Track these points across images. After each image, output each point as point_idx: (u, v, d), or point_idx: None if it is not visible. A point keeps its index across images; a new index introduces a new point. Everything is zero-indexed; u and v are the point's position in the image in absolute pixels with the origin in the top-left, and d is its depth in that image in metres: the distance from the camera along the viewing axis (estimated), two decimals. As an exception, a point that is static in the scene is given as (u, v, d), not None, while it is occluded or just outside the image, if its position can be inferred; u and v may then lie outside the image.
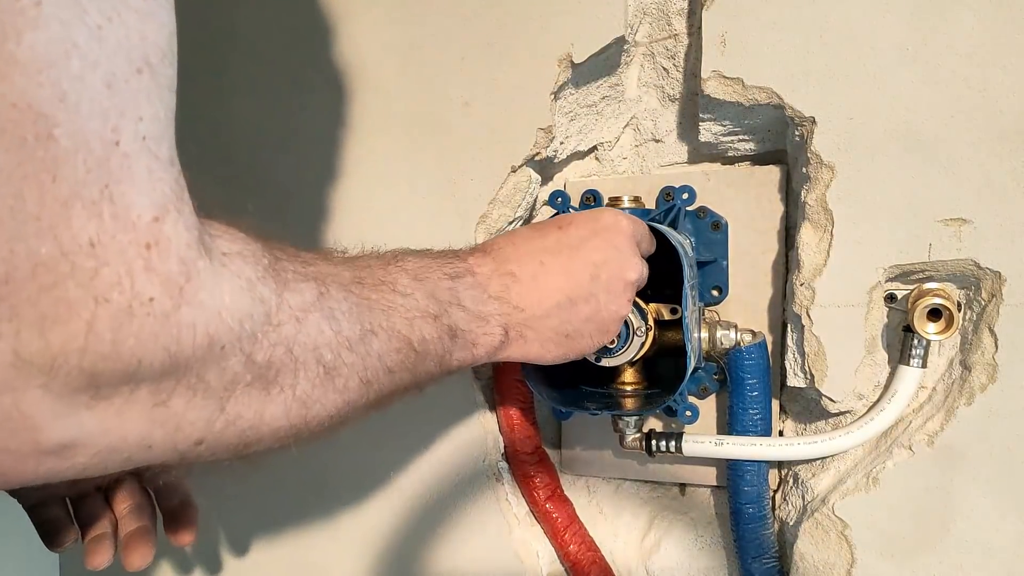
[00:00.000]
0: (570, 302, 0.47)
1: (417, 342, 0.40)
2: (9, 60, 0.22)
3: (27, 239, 0.23)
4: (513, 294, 0.46)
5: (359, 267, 0.39)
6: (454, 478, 0.71)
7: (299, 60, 0.72)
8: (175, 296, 0.26)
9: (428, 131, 0.68)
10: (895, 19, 0.54)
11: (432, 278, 0.42)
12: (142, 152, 0.25)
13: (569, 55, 0.62)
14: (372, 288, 0.38)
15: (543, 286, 0.47)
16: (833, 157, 0.56)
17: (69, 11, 0.23)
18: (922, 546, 0.57)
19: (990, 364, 0.54)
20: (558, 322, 0.47)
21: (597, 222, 0.49)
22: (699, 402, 0.65)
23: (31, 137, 0.23)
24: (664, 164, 0.69)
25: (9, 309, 0.23)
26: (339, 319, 0.35)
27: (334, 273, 0.36)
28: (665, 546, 0.70)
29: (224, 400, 0.30)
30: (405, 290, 0.40)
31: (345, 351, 0.35)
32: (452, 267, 0.44)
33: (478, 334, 0.44)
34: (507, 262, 0.47)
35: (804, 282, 0.57)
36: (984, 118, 0.52)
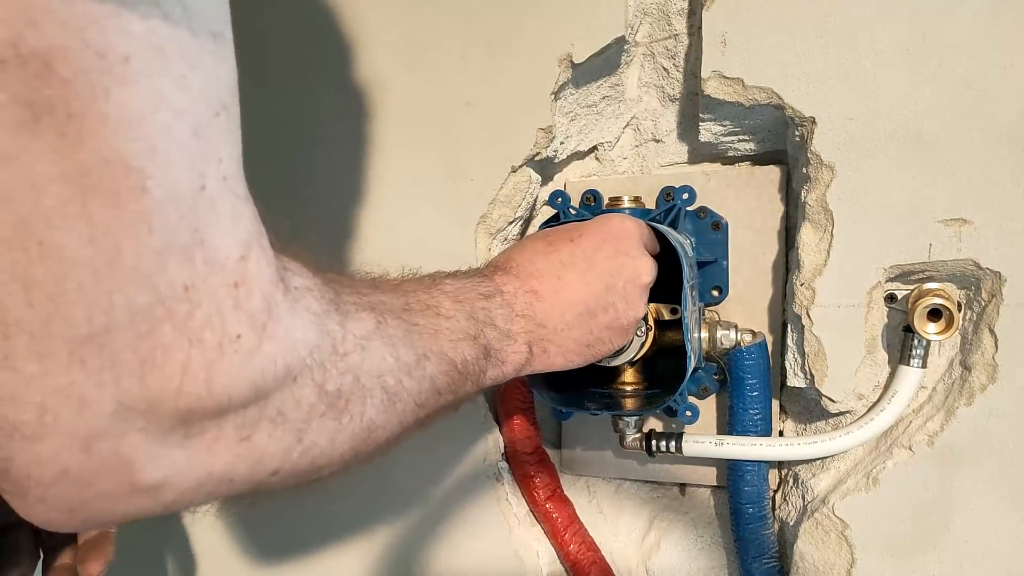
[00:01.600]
0: (590, 313, 0.48)
1: (460, 363, 0.41)
2: (100, 118, 0.22)
3: (125, 289, 0.23)
4: (537, 311, 0.47)
5: (405, 293, 0.40)
6: (454, 478, 0.71)
7: (299, 61, 0.72)
8: (259, 332, 0.27)
9: (428, 131, 0.68)
10: (895, 19, 0.54)
11: (469, 298, 0.43)
12: (225, 193, 0.26)
13: (569, 55, 0.62)
14: (420, 313, 0.39)
15: (563, 301, 0.48)
16: (833, 157, 0.56)
17: (155, 64, 0.23)
18: (922, 546, 0.57)
19: (990, 364, 0.54)
20: (579, 333, 0.48)
21: (607, 230, 0.51)
22: (699, 402, 0.65)
23: (125, 191, 0.23)
24: (664, 164, 0.69)
25: (111, 358, 0.24)
26: (397, 346, 0.36)
27: (386, 301, 0.37)
28: (665, 546, 0.70)
29: (302, 431, 0.30)
30: (448, 312, 0.41)
31: (405, 376, 0.36)
32: (484, 287, 0.45)
33: (507, 352, 0.46)
34: (528, 279, 0.48)
35: (804, 282, 0.57)
36: (984, 118, 0.52)
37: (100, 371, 0.23)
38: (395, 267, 0.70)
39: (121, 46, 0.22)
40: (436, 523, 0.72)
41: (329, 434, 0.32)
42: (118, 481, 0.25)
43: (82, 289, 0.23)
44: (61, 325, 0.23)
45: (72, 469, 0.24)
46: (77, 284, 0.23)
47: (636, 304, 0.50)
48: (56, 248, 0.22)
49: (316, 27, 0.71)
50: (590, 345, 0.49)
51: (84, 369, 0.23)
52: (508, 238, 0.69)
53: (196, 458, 0.27)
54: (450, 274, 0.46)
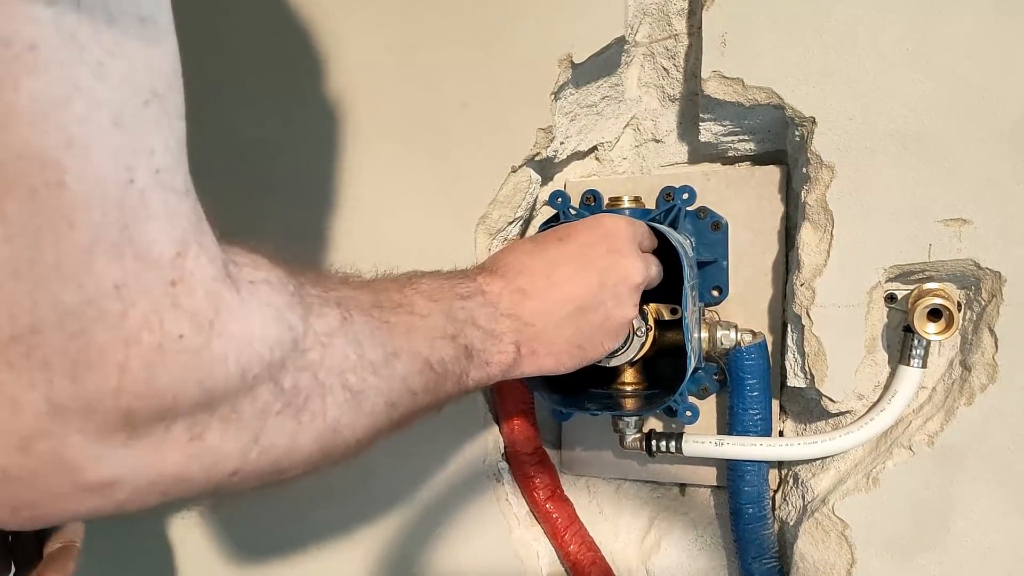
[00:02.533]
0: (580, 311, 0.47)
1: (437, 363, 0.40)
2: (10, 110, 0.21)
3: (50, 288, 0.23)
4: (524, 310, 0.46)
5: (377, 290, 0.39)
6: (454, 478, 0.70)
7: (296, 61, 0.72)
8: (205, 330, 0.26)
9: (428, 132, 0.67)
10: (895, 19, 0.54)
11: (446, 298, 0.42)
12: (157, 187, 0.25)
13: (569, 55, 0.62)
14: (391, 311, 0.38)
15: (553, 298, 0.47)
16: (833, 157, 0.56)
17: (67, 51, 0.22)
18: (922, 546, 0.57)
19: (990, 364, 0.54)
20: (569, 333, 0.48)
21: (597, 229, 0.50)
22: (699, 402, 0.65)
23: (41, 186, 0.22)
24: (664, 164, 0.69)
25: (40, 359, 0.23)
26: (362, 343, 0.35)
27: (354, 297, 0.37)
28: (665, 546, 0.70)
29: (257, 430, 0.30)
30: (423, 311, 0.40)
31: (370, 375, 0.35)
32: (464, 287, 0.44)
33: (492, 352, 0.45)
34: (516, 278, 0.47)
35: (804, 282, 0.57)
36: (984, 118, 0.52)
37: (30, 372, 0.23)
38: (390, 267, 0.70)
39: (27, 33, 0.21)
40: (436, 523, 0.72)
41: (289, 433, 0.31)
42: (60, 481, 0.25)
43: (1, 289, 0.22)
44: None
45: (11, 470, 0.24)
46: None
47: (626, 304, 0.49)
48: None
49: (315, 27, 0.71)
50: (581, 346, 0.48)
51: (12, 370, 0.23)
52: (508, 238, 0.69)
53: (145, 458, 0.26)
54: (427, 274, 0.45)
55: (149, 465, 0.27)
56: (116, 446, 0.25)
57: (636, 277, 0.49)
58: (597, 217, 0.52)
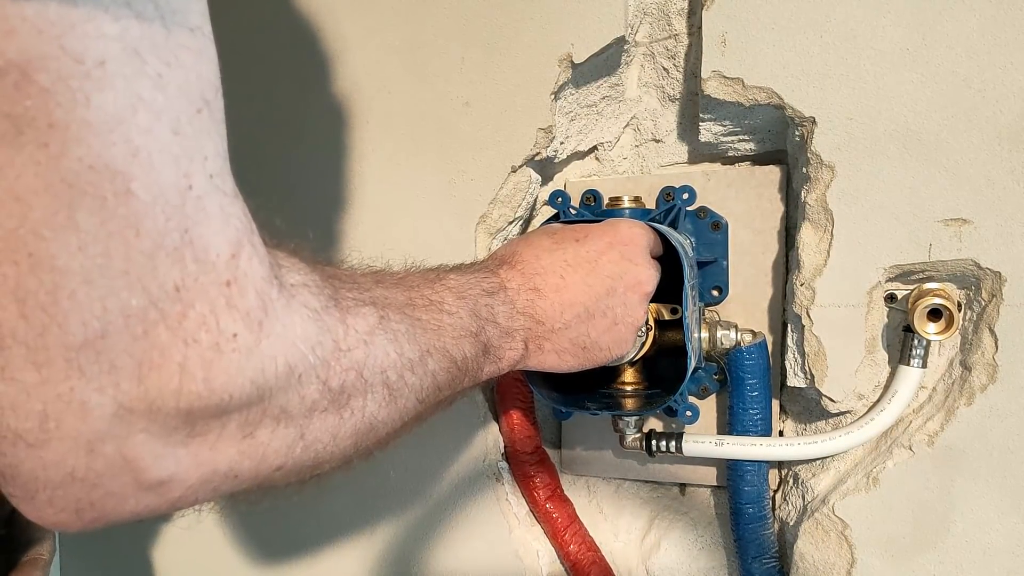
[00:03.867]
0: (588, 315, 0.48)
1: (460, 360, 0.41)
2: (83, 125, 0.22)
3: (118, 294, 0.24)
4: (537, 309, 0.47)
5: (409, 287, 0.40)
6: (454, 478, 0.71)
7: (300, 60, 0.72)
8: (256, 330, 0.27)
9: (428, 131, 0.68)
10: (895, 19, 0.54)
11: (473, 295, 0.43)
12: (212, 191, 0.26)
13: (569, 55, 0.62)
14: (424, 309, 0.39)
15: (563, 300, 0.47)
16: (833, 157, 0.56)
17: (130, 65, 0.23)
18: (922, 546, 0.57)
19: (990, 364, 0.54)
20: (576, 334, 0.48)
21: (614, 235, 0.50)
22: (699, 402, 0.65)
23: (111, 196, 0.23)
24: (664, 164, 0.69)
25: (108, 362, 0.24)
26: (401, 341, 0.36)
27: (389, 296, 0.37)
28: (665, 546, 0.70)
29: (304, 427, 0.31)
30: (451, 309, 0.41)
31: (408, 372, 0.36)
32: (489, 283, 0.45)
33: (505, 349, 0.46)
34: (533, 276, 0.48)
35: (804, 282, 0.57)
36: (984, 118, 0.52)
37: (99, 376, 0.24)
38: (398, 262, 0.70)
39: (97, 50, 0.22)
40: (436, 523, 0.72)
41: (331, 430, 0.32)
42: (124, 481, 0.25)
43: (75, 297, 0.23)
44: (57, 334, 0.23)
45: (78, 472, 0.24)
46: (69, 292, 0.23)
47: (635, 311, 0.50)
48: (47, 258, 0.22)
49: (316, 28, 0.71)
50: (585, 348, 0.49)
51: (83, 375, 0.23)
52: (508, 238, 0.69)
53: (201, 456, 0.27)
54: (454, 268, 0.46)
55: (204, 462, 0.27)
56: (175, 445, 0.26)
57: (647, 285, 0.50)
58: (614, 222, 0.52)
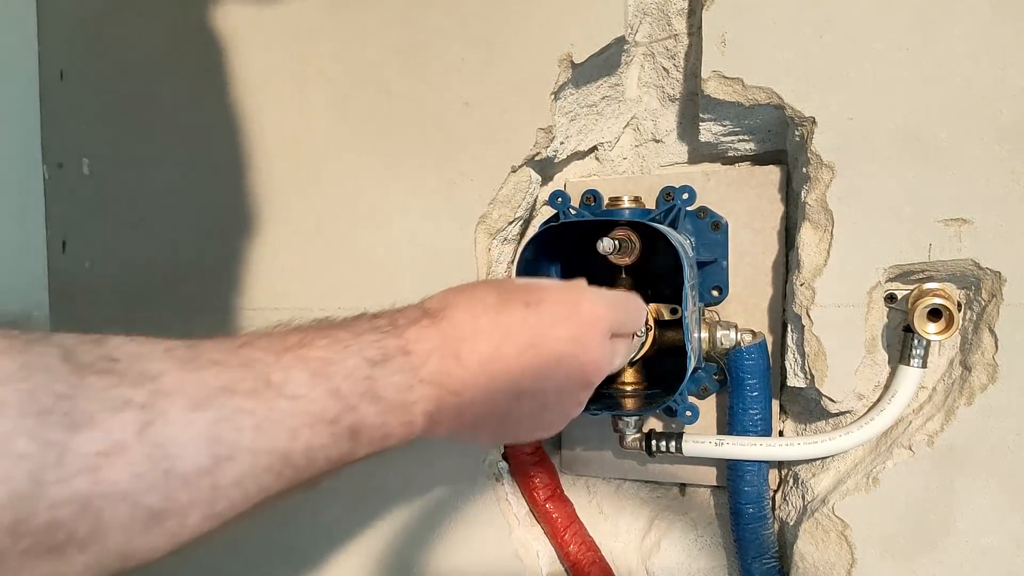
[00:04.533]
0: (516, 395, 0.41)
1: (300, 454, 0.33)
2: None
3: None
4: (452, 379, 0.39)
5: (238, 364, 0.32)
6: (454, 478, 0.71)
7: (300, 60, 0.72)
8: None
9: (428, 131, 0.68)
10: (895, 19, 0.54)
11: (342, 369, 0.35)
12: None
13: (569, 55, 0.62)
14: (245, 396, 0.31)
15: (490, 372, 0.40)
16: (833, 157, 0.56)
17: None
18: (922, 546, 0.57)
19: (990, 364, 0.54)
20: (497, 412, 0.41)
21: (572, 310, 0.43)
22: (699, 402, 0.65)
23: None
24: (664, 164, 0.69)
25: None
26: (172, 452, 0.28)
27: (184, 385, 0.29)
28: (665, 546, 0.70)
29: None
30: (296, 391, 0.33)
31: (179, 490, 0.28)
32: (380, 346, 0.37)
33: (393, 426, 0.37)
34: (457, 340, 0.40)
35: (804, 282, 0.57)
36: (984, 118, 0.52)
37: None
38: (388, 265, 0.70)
39: None
40: (436, 523, 0.72)
41: (49, 573, 0.26)
42: None
43: None
44: None
45: None
46: None
47: (570, 400, 0.43)
48: None
49: (316, 27, 0.71)
50: (504, 427, 0.42)
51: None
52: (508, 238, 0.69)
53: None
54: (334, 327, 0.37)
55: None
56: None
57: (593, 375, 0.44)
58: (578, 295, 0.44)
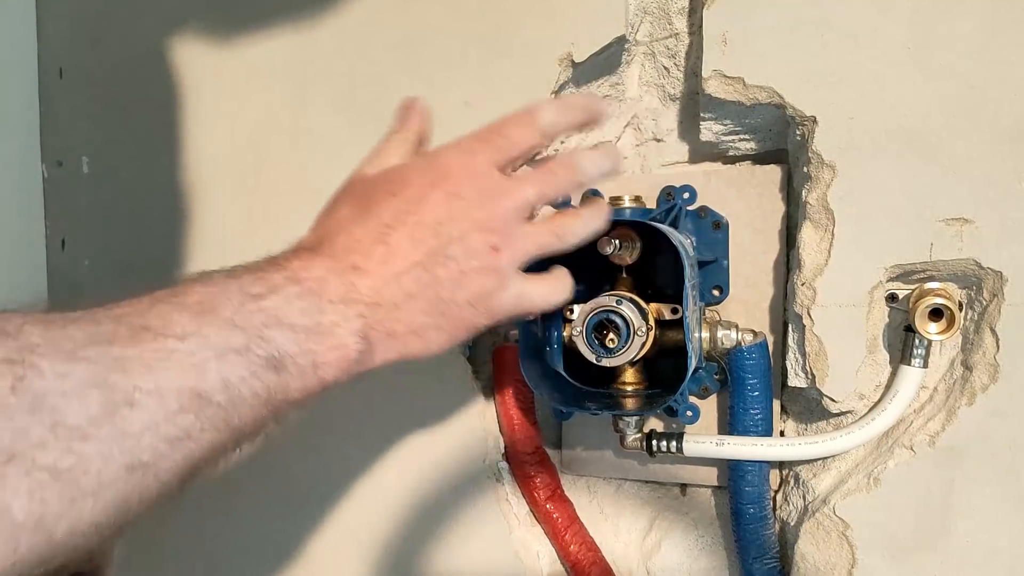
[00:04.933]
0: (428, 274, 0.40)
1: (217, 389, 0.32)
2: None
3: None
4: (363, 289, 0.39)
5: (108, 319, 0.31)
6: (454, 478, 0.70)
7: (300, 60, 0.72)
8: None
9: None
10: (895, 19, 0.54)
11: (228, 304, 0.34)
12: None
13: (569, 54, 0.62)
14: (128, 342, 0.30)
15: (395, 269, 0.39)
16: (834, 157, 0.56)
17: None
18: (923, 546, 0.57)
19: (991, 364, 0.54)
20: (425, 304, 0.40)
21: (429, 172, 0.42)
22: (700, 402, 0.65)
23: None
24: (665, 163, 0.69)
25: None
26: (57, 405, 0.27)
27: (52, 340, 0.29)
28: (666, 546, 0.70)
29: None
30: (183, 331, 0.32)
31: (78, 442, 0.28)
32: (263, 281, 0.37)
33: (321, 352, 0.37)
34: (345, 255, 0.39)
35: (805, 282, 0.57)
36: (985, 117, 0.52)
37: None
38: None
39: None
40: (436, 523, 0.72)
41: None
42: None
43: None
44: None
45: None
46: None
47: (476, 249, 0.41)
48: None
49: (315, 27, 0.71)
50: (445, 313, 0.41)
51: None
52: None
53: None
54: (209, 275, 0.37)
55: None
56: None
57: (485, 219, 0.41)
58: (435, 154, 0.44)
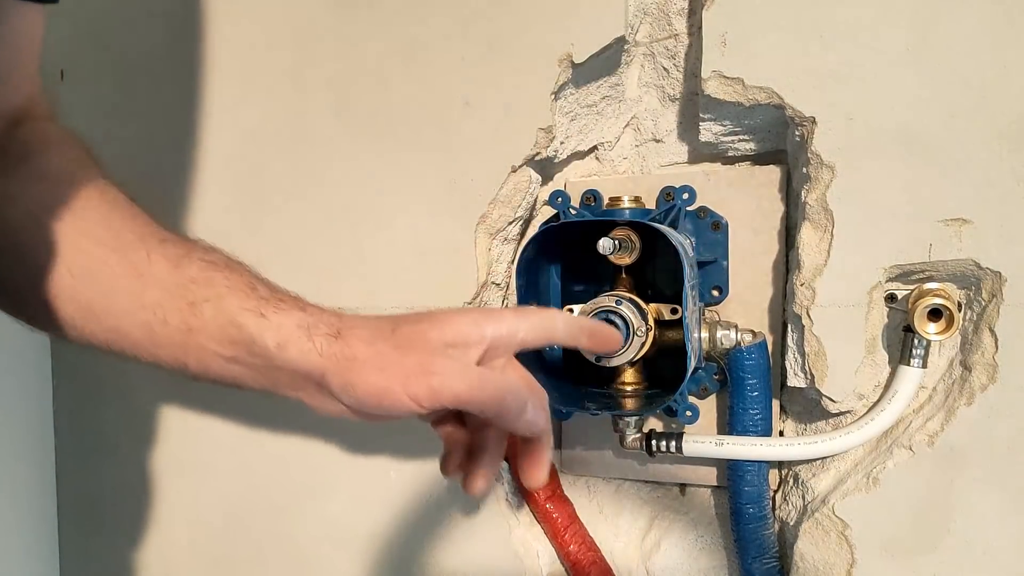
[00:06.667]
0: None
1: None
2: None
3: None
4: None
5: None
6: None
7: (300, 59, 0.72)
8: None
9: (428, 131, 0.68)
10: (895, 19, 0.54)
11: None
12: None
13: (569, 55, 0.62)
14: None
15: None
16: (833, 157, 0.56)
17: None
18: (922, 546, 0.57)
19: (990, 364, 0.54)
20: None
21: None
22: (699, 402, 0.65)
23: None
24: (664, 164, 0.69)
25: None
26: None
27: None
28: (665, 546, 0.70)
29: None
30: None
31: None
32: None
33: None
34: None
35: (804, 282, 0.57)
36: (984, 118, 0.52)
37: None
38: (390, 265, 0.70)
39: None
40: (436, 523, 0.72)
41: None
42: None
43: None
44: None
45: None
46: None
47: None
48: None
49: (315, 27, 0.71)
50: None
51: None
52: (508, 238, 0.69)
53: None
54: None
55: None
56: None
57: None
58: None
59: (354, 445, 0.73)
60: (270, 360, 0.42)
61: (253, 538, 0.79)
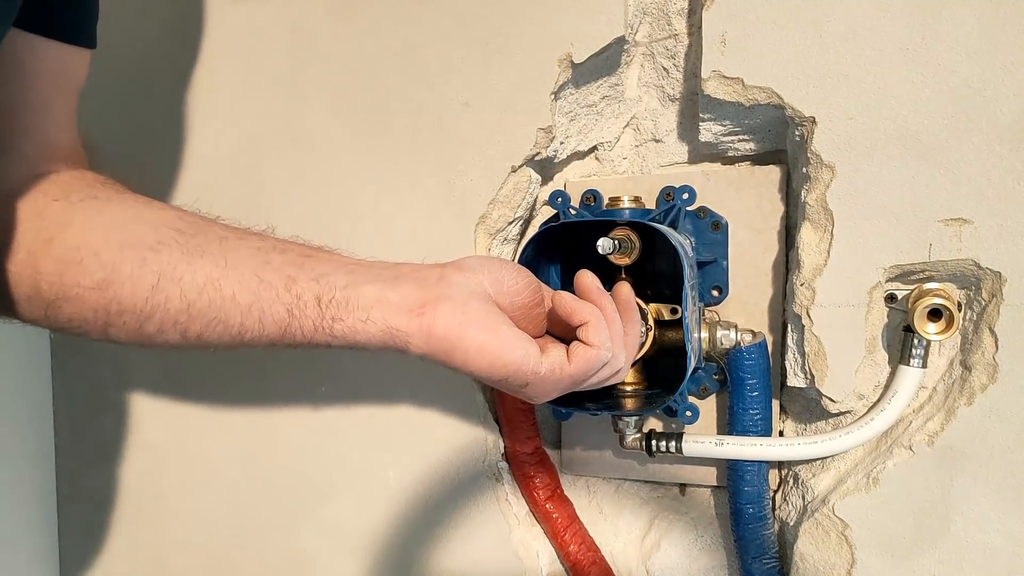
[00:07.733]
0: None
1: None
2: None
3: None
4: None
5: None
6: (454, 478, 0.71)
7: (299, 60, 0.72)
8: None
9: (428, 131, 0.68)
10: (895, 19, 0.54)
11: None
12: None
13: (569, 55, 0.62)
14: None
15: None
16: (833, 157, 0.56)
17: None
18: (922, 546, 0.57)
19: (990, 364, 0.54)
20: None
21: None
22: (699, 402, 0.65)
23: None
24: (664, 164, 0.69)
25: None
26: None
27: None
28: (665, 546, 0.70)
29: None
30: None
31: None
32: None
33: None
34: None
35: (804, 282, 0.57)
36: (984, 118, 0.52)
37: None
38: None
39: None
40: (436, 523, 0.72)
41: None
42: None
43: None
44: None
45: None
46: None
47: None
48: None
49: (315, 27, 0.71)
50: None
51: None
52: (508, 238, 0.69)
53: None
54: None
55: None
56: None
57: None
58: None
59: (354, 445, 0.74)
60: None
61: (253, 538, 0.79)
